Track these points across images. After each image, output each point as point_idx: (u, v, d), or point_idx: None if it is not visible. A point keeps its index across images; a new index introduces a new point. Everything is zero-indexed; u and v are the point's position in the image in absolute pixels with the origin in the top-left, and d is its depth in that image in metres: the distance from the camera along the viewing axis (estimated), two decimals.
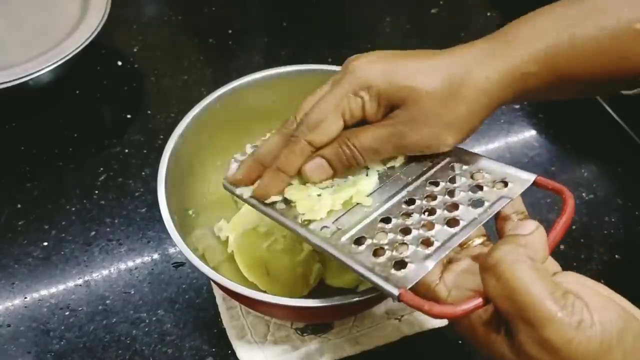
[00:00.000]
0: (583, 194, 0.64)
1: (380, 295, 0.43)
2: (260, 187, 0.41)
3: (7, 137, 0.68)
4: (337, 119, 0.39)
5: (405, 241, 0.36)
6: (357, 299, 0.42)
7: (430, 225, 0.36)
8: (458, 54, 0.39)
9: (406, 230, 0.37)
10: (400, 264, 0.34)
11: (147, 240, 0.59)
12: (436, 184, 0.39)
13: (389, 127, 0.39)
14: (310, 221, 0.39)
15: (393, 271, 0.34)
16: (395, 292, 0.33)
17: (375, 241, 0.36)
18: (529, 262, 0.30)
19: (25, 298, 0.55)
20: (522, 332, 0.30)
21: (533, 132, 0.70)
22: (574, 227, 0.61)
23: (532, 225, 0.33)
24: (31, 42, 0.68)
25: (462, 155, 0.41)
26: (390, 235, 0.37)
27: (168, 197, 0.46)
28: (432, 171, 0.40)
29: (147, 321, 0.53)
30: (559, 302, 0.29)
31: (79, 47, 0.65)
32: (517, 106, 0.73)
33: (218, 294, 0.54)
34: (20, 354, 0.52)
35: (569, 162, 0.68)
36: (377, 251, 0.36)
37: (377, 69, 0.39)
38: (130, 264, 0.57)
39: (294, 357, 0.50)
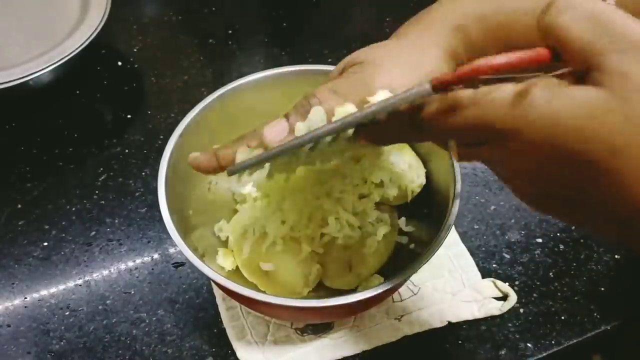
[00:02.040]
0: None
1: (380, 295, 0.43)
2: (194, 156, 0.41)
3: (7, 137, 0.68)
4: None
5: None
6: (357, 299, 0.42)
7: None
8: (409, 24, 0.43)
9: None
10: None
11: (147, 240, 0.59)
12: None
13: (346, 72, 0.40)
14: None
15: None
16: (427, 84, 0.29)
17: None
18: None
19: (25, 298, 0.55)
20: (610, 53, 0.25)
21: None
22: (573, 227, 0.61)
23: None
24: (31, 42, 0.68)
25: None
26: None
27: (168, 197, 0.46)
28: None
29: (147, 321, 0.53)
30: None
31: (79, 47, 0.65)
32: None
33: (218, 294, 0.54)
34: (20, 354, 0.52)
35: None
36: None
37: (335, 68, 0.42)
38: (130, 264, 0.57)
39: (294, 357, 0.50)
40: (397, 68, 0.39)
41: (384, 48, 0.41)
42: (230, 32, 0.79)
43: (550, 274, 0.56)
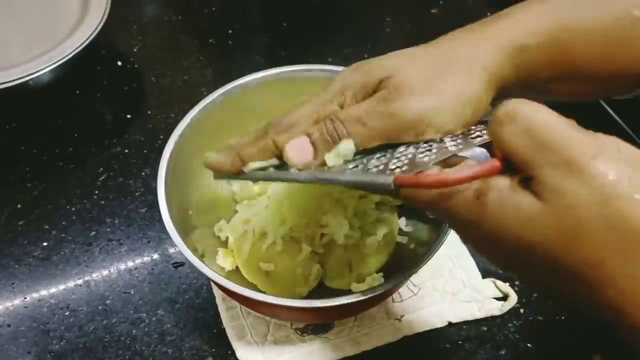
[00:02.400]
0: None
1: (380, 295, 0.43)
2: (212, 156, 0.41)
3: (7, 137, 0.68)
4: (308, 125, 0.38)
5: (392, 164, 0.34)
6: (357, 299, 0.42)
7: (414, 154, 0.34)
8: (442, 40, 0.38)
9: (391, 159, 0.35)
10: (396, 170, 0.33)
11: (147, 240, 0.59)
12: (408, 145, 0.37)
13: (374, 98, 0.36)
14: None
15: (388, 173, 0.33)
16: (390, 179, 0.31)
17: (369, 166, 0.35)
18: (547, 110, 0.28)
19: (25, 298, 0.55)
20: (543, 165, 0.27)
21: None
22: None
23: None
24: (31, 42, 0.68)
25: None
26: (384, 160, 0.35)
27: (168, 197, 0.46)
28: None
29: (147, 321, 0.53)
30: (582, 131, 0.28)
31: (79, 47, 0.65)
32: None
33: (218, 294, 0.54)
34: (20, 354, 0.52)
35: None
36: (365, 168, 0.35)
37: (353, 70, 0.38)
38: (130, 264, 0.57)
39: (294, 358, 0.50)
40: (431, 96, 0.35)
41: (417, 65, 0.37)
42: (230, 32, 0.79)
43: None
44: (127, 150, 0.66)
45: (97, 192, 0.62)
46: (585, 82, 0.40)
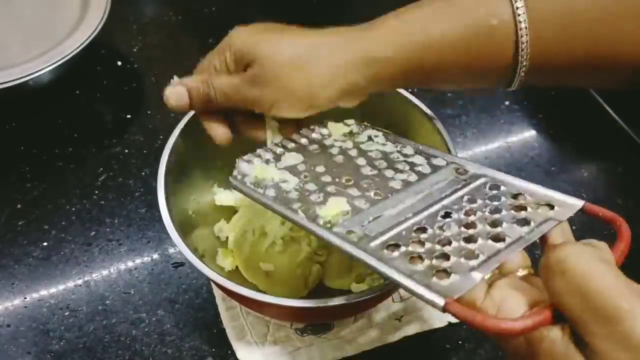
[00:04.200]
0: (583, 194, 0.64)
1: (380, 295, 0.43)
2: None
3: (7, 137, 0.68)
4: (206, 71, 0.45)
5: (445, 251, 0.32)
6: (357, 299, 0.42)
7: (472, 238, 0.33)
8: (322, 36, 0.43)
9: (445, 242, 0.33)
10: (443, 274, 0.30)
11: (147, 240, 0.59)
12: (473, 200, 0.36)
13: (239, 77, 0.43)
14: (332, 224, 0.37)
15: (435, 280, 0.30)
16: (441, 301, 0.29)
17: (410, 249, 0.33)
18: (600, 258, 0.27)
19: (25, 298, 0.55)
20: (596, 335, 0.26)
21: (533, 132, 0.70)
22: (574, 227, 0.61)
23: (592, 240, 0.30)
24: (31, 42, 0.68)
25: (498, 177, 0.38)
26: (428, 245, 0.33)
27: (168, 197, 0.46)
28: (466, 189, 0.38)
29: (147, 321, 0.53)
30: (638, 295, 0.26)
31: (79, 47, 0.65)
32: (517, 106, 0.73)
33: (218, 294, 0.54)
34: (20, 354, 0.51)
35: (569, 162, 0.68)
36: (414, 259, 0.32)
37: (244, 34, 0.44)
38: (130, 264, 0.57)
39: (294, 357, 0.50)
40: (286, 89, 0.42)
41: (285, 54, 0.42)
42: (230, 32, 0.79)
43: None
44: (127, 150, 0.66)
45: (97, 192, 0.62)
46: (446, 84, 0.45)
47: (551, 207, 0.34)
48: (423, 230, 0.34)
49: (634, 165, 0.66)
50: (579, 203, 0.34)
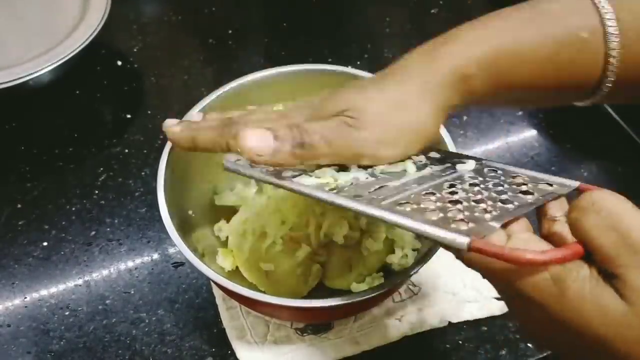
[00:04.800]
0: None
1: (380, 295, 0.43)
2: (169, 124, 0.43)
3: (7, 137, 0.68)
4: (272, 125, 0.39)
5: (458, 208, 0.32)
6: (357, 299, 0.42)
7: (481, 200, 0.33)
8: (398, 69, 0.39)
9: (456, 201, 0.33)
10: (460, 222, 0.30)
11: (147, 240, 0.59)
12: (475, 177, 0.37)
13: (336, 119, 0.38)
14: (338, 190, 0.35)
15: (454, 226, 0.30)
16: (465, 239, 0.28)
17: (423, 206, 0.32)
18: (627, 201, 0.29)
19: (25, 298, 0.55)
20: (629, 266, 0.27)
21: (533, 132, 0.70)
22: None
23: None
24: (31, 42, 0.68)
25: (495, 164, 0.39)
26: (439, 204, 0.33)
27: (168, 197, 0.46)
28: (466, 171, 0.38)
29: (147, 321, 0.53)
30: None
31: (79, 47, 0.65)
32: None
33: (218, 294, 0.54)
34: (20, 354, 0.52)
35: (569, 162, 0.68)
36: (427, 213, 0.32)
37: (318, 98, 0.41)
38: (130, 264, 0.57)
39: (294, 357, 0.50)
40: (383, 129, 0.38)
41: (373, 102, 0.38)
42: (230, 32, 0.79)
43: None
44: (127, 150, 0.66)
45: (97, 192, 0.62)
46: (527, 99, 0.43)
47: (549, 185, 0.35)
48: (432, 194, 0.34)
49: (634, 165, 0.66)
50: (574, 183, 0.35)
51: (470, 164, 0.39)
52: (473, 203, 0.33)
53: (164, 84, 0.74)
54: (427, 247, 0.45)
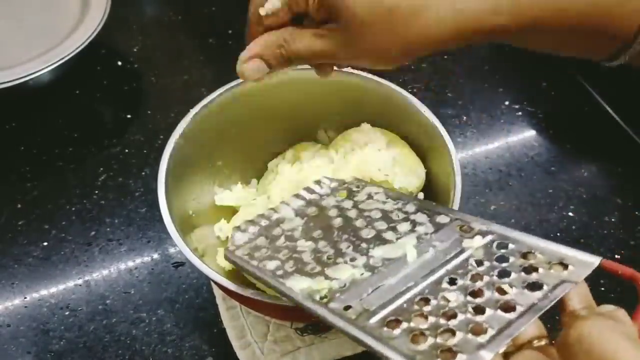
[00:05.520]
0: (583, 194, 0.64)
1: None
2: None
3: (7, 137, 0.68)
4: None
5: (450, 327, 0.29)
6: None
7: (479, 310, 0.30)
8: None
9: (450, 314, 0.30)
10: (448, 354, 0.28)
11: (147, 240, 0.59)
12: (480, 262, 0.34)
13: (327, 37, 0.38)
14: (329, 299, 0.34)
15: None
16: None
17: (412, 325, 0.30)
18: (623, 334, 0.25)
19: (25, 298, 0.55)
20: None
21: (533, 132, 0.70)
22: (573, 227, 0.61)
23: (610, 307, 0.28)
24: (31, 42, 0.68)
25: (506, 233, 0.36)
26: (431, 319, 0.30)
27: (168, 197, 0.46)
28: (471, 250, 0.35)
29: (147, 321, 0.53)
30: None
31: (79, 47, 0.65)
32: (517, 106, 0.73)
33: (218, 293, 0.54)
34: (20, 354, 0.52)
35: (569, 162, 0.68)
36: (416, 337, 0.29)
37: None
38: (130, 263, 0.57)
39: (294, 357, 0.50)
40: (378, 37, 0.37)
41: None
42: (230, 32, 0.79)
43: None
44: (127, 150, 0.66)
45: (97, 192, 0.63)
46: (555, 41, 0.40)
47: (565, 266, 0.31)
48: (426, 301, 0.32)
49: (634, 165, 0.66)
50: (595, 260, 0.31)
51: (478, 241, 0.36)
52: (469, 316, 0.30)
53: (164, 84, 0.74)
54: None
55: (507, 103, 0.73)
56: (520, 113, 0.72)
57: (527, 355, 0.28)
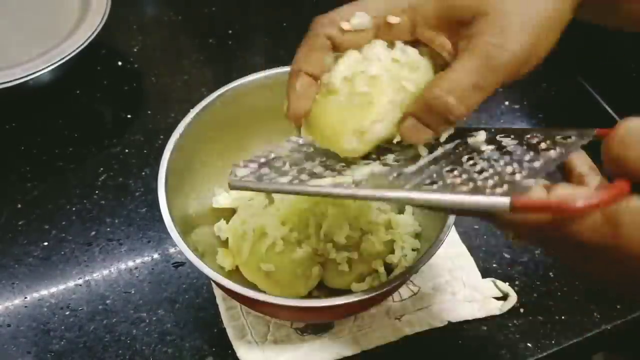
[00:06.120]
0: None
1: (380, 295, 0.43)
2: (291, 103, 0.38)
3: (7, 137, 0.68)
4: (366, 16, 0.36)
5: (485, 176, 0.30)
6: (357, 299, 0.42)
7: (507, 164, 0.31)
8: None
9: (481, 172, 0.31)
10: (494, 188, 0.29)
11: (147, 240, 0.59)
12: (491, 146, 0.35)
13: (473, 52, 0.33)
14: (356, 183, 0.34)
15: (489, 191, 0.28)
16: (506, 200, 0.27)
17: (449, 181, 0.31)
18: None
19: (25, 298, 0.55)
20: None
21: None
22: None
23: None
24: (31, 42, 0.68)
25: (503, 129, 0.37)
26: (465, 176, 0.31)
27: (168, 197, 0.46)
28: (480, 144, 0.36)
29: (147, 321, 0.53)
30: None
31: (79, 47, 0.65)
32: (517, 106, 0.73)
33: (218, 293, 0.54)
34: (20, 354, 0.52)
35: None
36: (457, 187, 0.30)
37: None
38: (131, 263, 0.57)
39: (294, 357, 0.50)
40: (521, 36, 0.33)
41: None
42: (230, 32, 0.79)
43: (550, 273, 0.56)
44: (127, 150, 0.66)
45: (97, 192, 0.62)
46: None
47: (567, 137, 0.34)
48: (453, 170, 0.32)
49: None
50: (591, 130, 0.33)
51: (482, 135, 0.37)
52: (499, 168, 0.31)
53: (164, 84, 0.74)
54: (427, 247, 0.45)
55: (507, 103, 0.73)
56: (520, 113, 0.72)
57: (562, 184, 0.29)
